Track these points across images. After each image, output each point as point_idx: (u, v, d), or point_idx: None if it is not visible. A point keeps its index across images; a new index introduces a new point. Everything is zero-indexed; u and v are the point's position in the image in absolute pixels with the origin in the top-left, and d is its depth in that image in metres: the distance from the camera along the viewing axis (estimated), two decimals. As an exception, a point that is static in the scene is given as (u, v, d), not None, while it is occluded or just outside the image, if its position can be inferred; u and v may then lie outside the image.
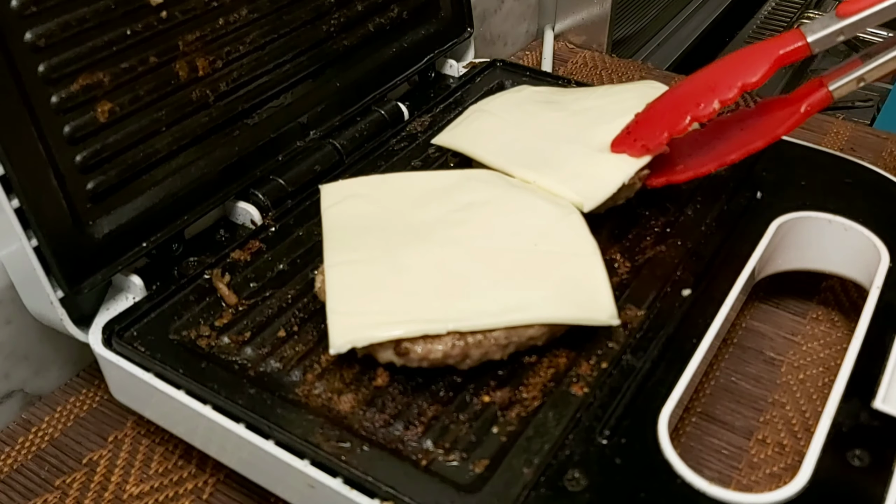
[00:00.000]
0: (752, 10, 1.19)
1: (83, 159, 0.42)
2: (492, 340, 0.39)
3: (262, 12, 0.50)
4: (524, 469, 0.36)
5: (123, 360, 0.42)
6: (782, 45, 0.43)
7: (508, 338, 0.39)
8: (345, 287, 0.42)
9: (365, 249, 0.44)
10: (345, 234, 0.45)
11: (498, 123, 0.54)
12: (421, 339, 0.39)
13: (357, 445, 0.37)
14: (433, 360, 0.39)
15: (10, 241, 0.41)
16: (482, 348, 0.39)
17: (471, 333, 0.39)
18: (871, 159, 0.64)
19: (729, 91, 0.43)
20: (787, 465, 0.43)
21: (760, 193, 0.50)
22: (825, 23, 0.42)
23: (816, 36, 0.42)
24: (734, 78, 0.43)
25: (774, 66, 0.43)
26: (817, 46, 0.42)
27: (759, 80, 0.43)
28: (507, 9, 0.81)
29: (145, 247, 0.46)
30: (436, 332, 0.39)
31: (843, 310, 0.51)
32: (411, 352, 0.39)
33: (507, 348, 0.40)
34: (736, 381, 0.47)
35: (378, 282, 0.42)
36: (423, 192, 0.48)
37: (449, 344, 0.39)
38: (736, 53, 0.45)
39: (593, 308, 0.41)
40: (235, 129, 0.51)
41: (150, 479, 0.44)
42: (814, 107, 0.45)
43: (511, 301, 0.40)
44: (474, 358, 0.39)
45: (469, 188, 0.48)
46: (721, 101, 0.44)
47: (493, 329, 0.39)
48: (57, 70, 0.40)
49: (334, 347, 0.39)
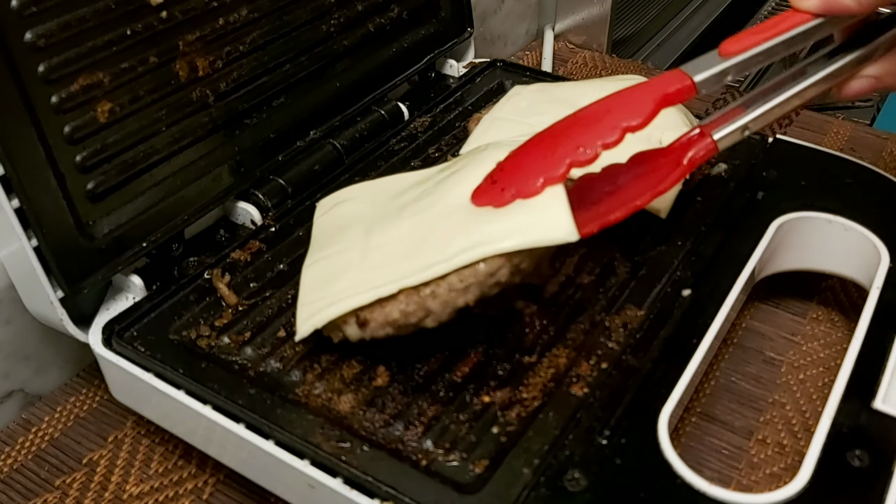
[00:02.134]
0: (752, 10, 1.19)
1: (83, 159, 0.42)
2: (446, 286, 0.38)
3: (262, 12, 0.50)
4: (524, 469, 0.36)
5: (123, 360, 0.42)
6: (666, 86, 0.40)
7: (464, 279, 0.38)
8: (313, 281, 0.42)
9: (341, 243, 0.44)
10: (326, 236, 0.46)
11: (523, 128, 0.53)
12: (378, 306, 0.38)
13: (357, 445, 0.37)
14: (393, 322, 0.38)
15: (10, 241, 0.41)
16: (439, 298, 0.38)
17: (423, 285, 0.38)
18: (871, 159, 0.64)
19: (612, 133, 0.39)
20: (787, 465, 0.43)
21: (760, 193, 0.50)
22: (709, 62, 0.40)
23: (702, 76, 0.39)
24: (616, 119, 0.39)
25: (658, 108, 0.39)
26: (704, 87, 0.39)
27: (642, 122, 0.39)
28: (507, 9, 0.81)
29: (145, 247, 0.46)
30: (388, 294, 0.38)
31: (843, 310, 0.51)
32: (371, 321, 0.38)
33: (469, 291, 0.38)
34: (736, 381, 0.47)
35: (344, 268, 0.42)
36: (408, 184, 0.48)
37: (404, 302, 0.38)
38: (615, 94, 0.41)
39: (548, 227, 0.38)
40: (235, 129, 0.51)
41: (150, 479, 0.44)
42: (698, 159, 0.41)
43: (463, 243, 0.38)
44: (437, 310, 0.38)
45: (449, 167, 0.47)
46: (604, 144, 0.39)
47: (446, 275, 0.38)
48: (57, 70, 0.40)
49: (299, 334, 0.40)
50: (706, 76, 0.39)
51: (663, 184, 0.41)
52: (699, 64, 0.40)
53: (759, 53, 0.39)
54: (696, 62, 0.40)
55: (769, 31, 0.40)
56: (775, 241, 0.48)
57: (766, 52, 0.39)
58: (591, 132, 0.40)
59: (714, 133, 0.41)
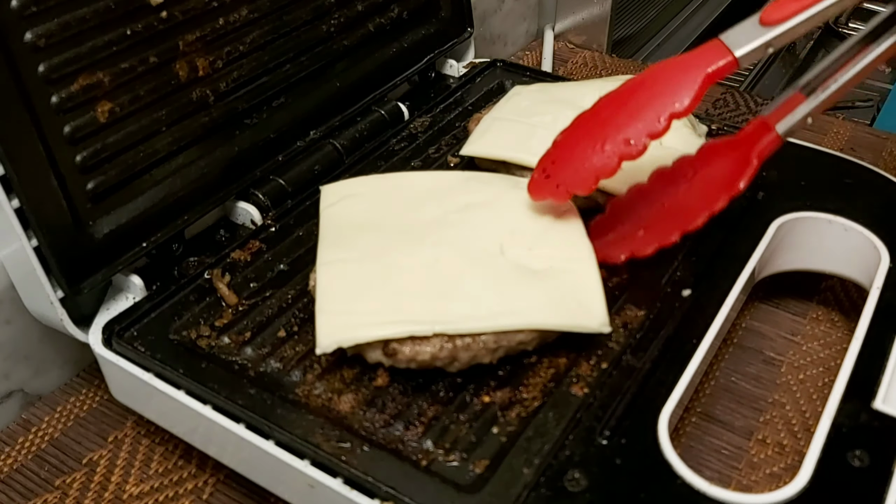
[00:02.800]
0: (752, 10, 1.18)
1: (83, 159, 0.42)
2: (480, 344, 0.39)
3: (262, 12, 0.50)
4: (524, 469, 0.36)
5: (123, 360, 0.42)
6: (708, 63, 0.38)
7: (497, 342, 0.39)
8: (334, 286, 0.42)
9: (358, 249, 0.44)
10: (340, 232, 0.45)
11: (524, 128, 0.53)
12: (409, 340, 0.39)
13: (357, 445, 0.37)
14: (421, 361, 0.39)
15: (10, 241, 0.41)
16: (471, 351, 0.39)
17: (459, 336, 0.39)
18: (871, 159, 0.64)
19: (656, 122, 0.38)
20: (787, 465, 0.43)
21: (760, 193, 0.50)
22: (750, 33, 0.38)
23: (744, 51, 0.37)
24: (661, 106, 0.38)
25: (703, 88, 0.38)
26: (745, 61, 0.38)
27: (688, 107, 0.38)
28: (507, 9, 0.81)
29: (145, 247, 0.46)
30: (422, 334, 0.39)
31: (843, 310, 0.51)
32: (399, 353, 0.39)
33: (497, 352, 0.40)
34: (736, 381, 0.47)
35: (368, 281, 0.42)
36: (422, 193, 0.48)
37: (437, 346, 0.39)
38: (654, 73, 0.39)
39: (584, 314, 0.40)
40: (235, 129, 0.51)
41: (150, 479, 0.44)
42: (764, 155, 0.41)
43: (501, 305, 0.40)
44: (463, 361, 0.39)
45: (468, 189, 0.48)
46: (650, 134, 0.38)
47: (482, 333, 0.39)
48: (57, 70, 0.40)
49: (321, 347, 0.39)
50: (748, 50, 0.37)
51: (738, 184, 0.41)
52: (739, 35, 0.38)
53: (806, 20, 0.37)
54: (736, 32, 0.38)
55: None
56: (775, 241, 0.48)
57: (813, 17, 0.37)
58: (637, 122, 0.39)
59: (778, 126, 0.40)
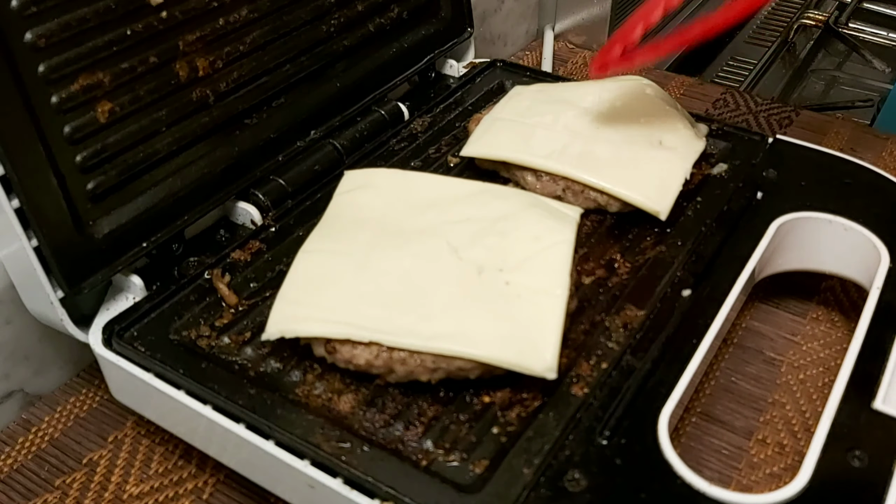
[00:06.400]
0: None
1: (83, 159, 0.42)
2: (418, 360, 0.39)
3: (262, 12, 0.50)
4: (524, 469, 0.36)
5: (123, 360, 0.42)
6: None
7: (436, 363, 0.39)
8: (303, 275, 0.42)
9: (345, 243, 0.44)
10: (338, 222, 0.46)
11: (524, 128, 0.53)
12: (348, 343, 0.39)
13: (357, 446, 0.37)
14: (357, 365, 0.39)
15: (10, 241, 0.41)
16: (407, 366, 0.39)
17: (397, 349, 0.39)
18: (871, 159, 0.64)
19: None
20: (787, 465, 0.43)
21: (760, 193, 0.50)
22: None
23: None
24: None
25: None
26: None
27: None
28: (507, 9, 0.81)
29: (145, 247, 0.46)
30: (360, 340, 0.39)
31: (843, 310, 0.51)
32: (338, 352, 0.39)
33: (436, 373, 0.39)
34: (736, 381, 0.47)
35: (337, 277, 0.42)
36: (430, 198, 0.48)
37: (374, 353, 0.39)
38: None
39: (531, 355, 0.38)
40: (235, 129, 0.51)
41: (150, 479, 0.44)
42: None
43: (449, 328, 0.39)
44: (399, 374, 0.39)
45: (477, 202, 0.47)
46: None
47: (420, 351, 0.39)
48: (57, 70, 0.40)
49: (266, 334, 0.40)
50: None
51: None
52: None
53: None
54: None
55: None
56: (775, 241, 0.48)
57: None
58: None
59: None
